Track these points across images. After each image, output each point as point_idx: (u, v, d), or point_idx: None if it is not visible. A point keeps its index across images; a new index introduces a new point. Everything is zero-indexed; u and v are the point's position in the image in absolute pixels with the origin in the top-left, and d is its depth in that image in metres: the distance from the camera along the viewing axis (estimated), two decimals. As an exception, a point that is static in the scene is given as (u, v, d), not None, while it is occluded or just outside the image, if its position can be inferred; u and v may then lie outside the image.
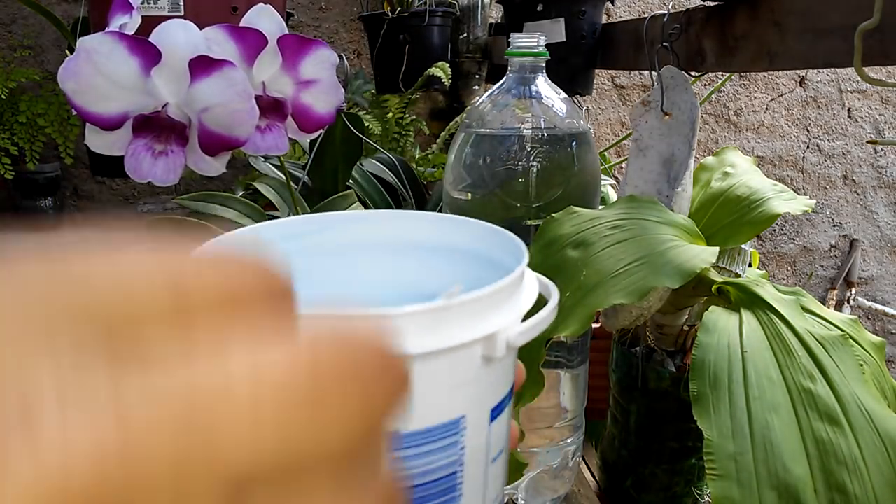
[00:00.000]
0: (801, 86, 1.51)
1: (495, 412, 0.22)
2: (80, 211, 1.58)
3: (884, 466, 0.41)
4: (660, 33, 0.71)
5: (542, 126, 0.63)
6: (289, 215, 0.71)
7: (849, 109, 1.53)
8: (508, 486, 0.64)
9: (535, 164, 0.62)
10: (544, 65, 0.64)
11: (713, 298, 0.56)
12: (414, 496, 0.20)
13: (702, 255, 0.52)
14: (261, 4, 0.54)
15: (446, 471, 0.21)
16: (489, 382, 0.21)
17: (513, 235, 0.25)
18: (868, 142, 1.49)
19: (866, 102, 1.53)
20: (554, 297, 0.24)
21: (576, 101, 0.83)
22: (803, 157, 1.54)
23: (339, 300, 0.25)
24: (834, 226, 1.58)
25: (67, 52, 1.25)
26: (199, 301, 0.11)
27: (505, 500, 0.65)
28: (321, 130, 0.57)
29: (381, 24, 0.97)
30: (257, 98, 0.50)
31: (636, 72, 1.35)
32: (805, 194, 1.55)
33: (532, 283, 0.24)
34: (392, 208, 0.79)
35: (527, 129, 0.63)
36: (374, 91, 1.06)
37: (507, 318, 0.21)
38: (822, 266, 1.60)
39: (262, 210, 0.72)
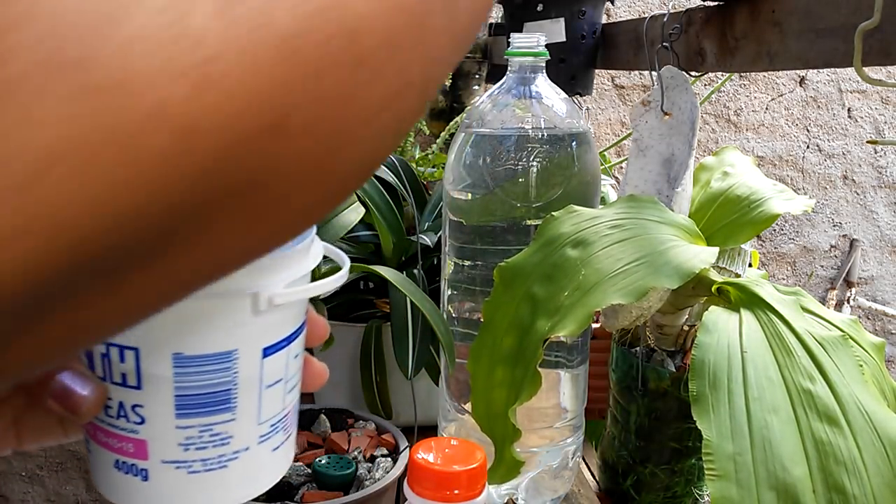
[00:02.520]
0: (801, 86, 1.51)
1: (268, 351, 0.29)
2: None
3: (883, 467, 0.41)
4: (660, 33, 0.71)
5: (542, 126, 0.63)
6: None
7: (849, 109, 1.53)
8: (508, 486, 0.65)
9: (535, 164, 0.62)
10: (544, 65, 0.64)
11: (713, 298, 0.56)
12: (197, 403, 0.28)
13: (701, 255, 0.52)
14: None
15: (222, 387, 0.28)
16: (260, 328, 0.28)
17: None
18: (868, 142, 1.49)
19: (866, 102, 1.53)
20: (343, 270, 0.31)
21: (576, 101, 0.83)
22: (803, 157, 1.54)
23: None
24: (834, 226, 1.58)
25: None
26: None
27: (505, 500, 0.65)
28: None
29: (381, 23, 0.97)
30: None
31: (636, 72, 1.35)
32: (805, 194, 1.55)
33: (317, 255, 0.30)
34: (392, 208, 0.79)
35: (527, 129, 0.63)
36: (374, 91, 1.06)
37: (270, 282, 0.27)
38: (822, 266, 1.60)
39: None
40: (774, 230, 1.57)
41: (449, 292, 0.68)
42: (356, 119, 0.16)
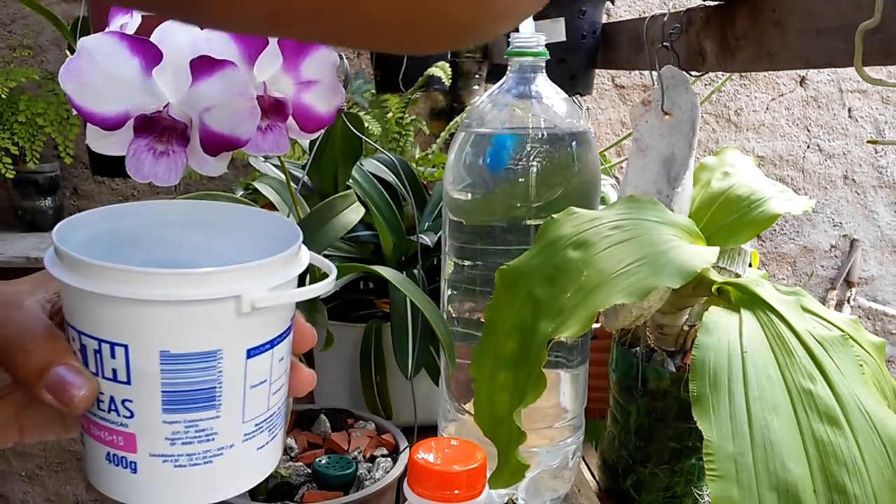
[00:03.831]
0: (801, 86, 1.51)
1: (252, 352, 0.30)
2: (80, 211, 1.57)
3: (883, 467, 0.41)
4: (660, 33, 0.71)
5: (542, 126, 0.63)
6: (289, 215, 0.71)
7: (849, 109, 1.53)
8: (508, 486, 0.65)
9: (535, 164, 0.62)
10: (544, 64, 0.64)
11: (713, 298, 0.56)
12: (183, 400, 0.29)
13: (702, 255, 0.52)
14: (261, 4, 0.54)
15: (207, 385, 0.29)
16: (244, 329, 0.29)
17: (293, 225, 0.34)
18: (868, 142, 1.49)
19: (866, 102, 1.53)
20: (329, 278, 0.33)
21: (576, 101, 0.83)
22: (803, 157, 1.54)
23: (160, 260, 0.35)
24: (834, 226, 1.58)
25: (67, 52, 1.25)
26: None
27: (505, 500, 0.65)
28: (321, 130, 0.57)
29: (381, 23, 0.97)
30: (258, 98, 0.50)
31: (636, 72, 1.35)
32: (805, 194, 1.55)
33: (303, 262, 0.32)
34: (392, 208, 0.79)
35: (527, 129, 0.63)
36: (374, 91, 1.06)
37: (252, 286, 0.29)
38: (822, 266, 1.60)
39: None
40: (774, 230, 1.57)
41: (449, 292, 0.68)
42: None
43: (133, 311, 0.28)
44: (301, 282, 0.35)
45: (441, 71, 0.93)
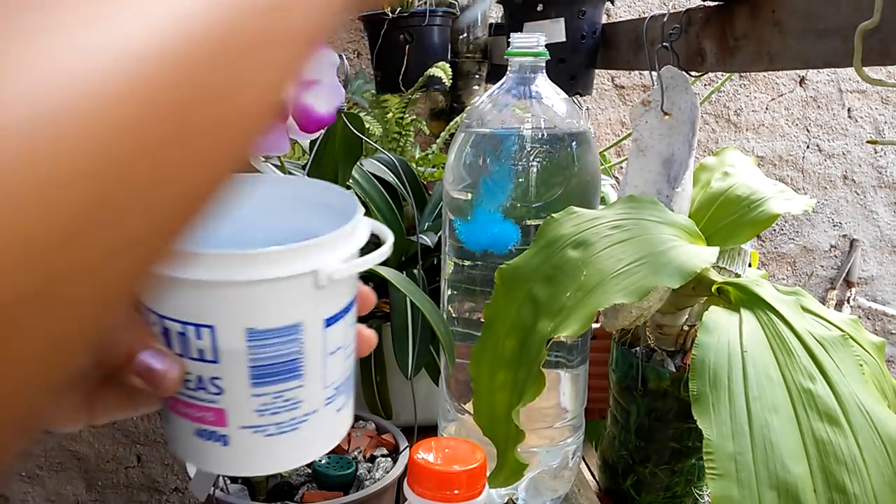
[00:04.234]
0: (801, 86, 1.51)
1: (330, 321, 0.31)
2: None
3: (884, 466, 0.41)
4: (660, 33, 0.71)
5: (542, 126, 0.63)
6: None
7: (849, 109, 1.53)
8: (508, 487, 0.65)
9: (535, 164, 0.62)
10: (544, 65, 0.64)
11: (713, 298, 0.56)
12: (269, 373, 0.30)
13: (702, 255, 0.52)
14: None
15: (290, 357, 0.30)
16: (321, 300, 0.30)
17: (349, 194, 0.36)
18: (868, 142, 1.49)
19: (866, 102, 1.53)
20: (387, 243, 0.34)
21: (576, 101, 0.83)
22: (803, 157, 1.54)
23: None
24: (834, 226, 1.58)
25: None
26: None
27: (505, 500, 0.65)
28: (322, 131, 0.57)
29: (381, 23, 0.97)
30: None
31: (636, 72, 1.35)
32: (805, 194, 1.54)
33: (364, 231, 0.34)
34: (392, 208, 0.79)
35: (527, 129, 0.63)
36: (374, 91, 1.06)
37: (329, 259, 0.30)
38: (822, 266, 1.60)
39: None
40: (774, 230, 1.57)
41: (449, 292, 0.68)
42: None
43: (218, 294, 0.29)
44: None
45: (441, 71, 0.93)
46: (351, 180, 0.77)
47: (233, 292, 0.29)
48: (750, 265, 0.65)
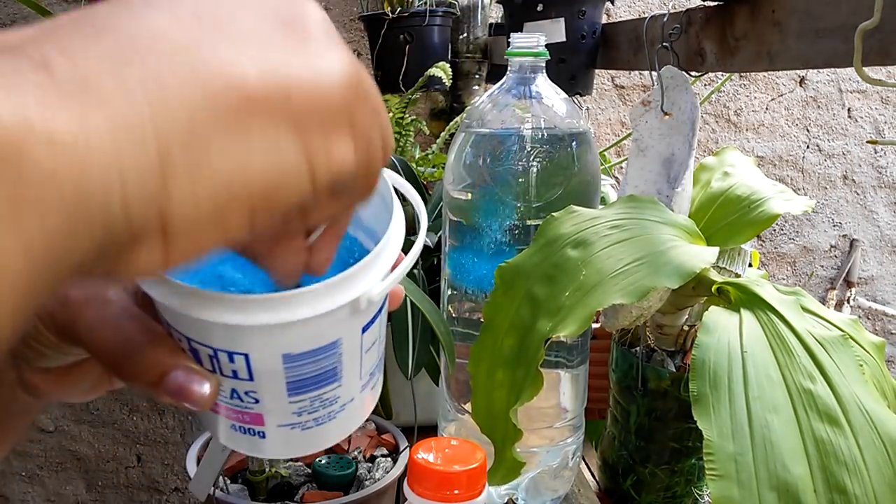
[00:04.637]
0: (801, 86, 1.51)
1: (365, 328, 0.30)
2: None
3: (884, 466, 0.41)
4: (660, 33, 0.71)
5: (542, 126, 0.63)
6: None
7: (849, 109, 1.53)
8: (508, 486, 0.65)
9: (535, 164, 0.62)
10: (544, 65, 0.64)
11: (713, 298, 0.56)
12: (307, 383, 0.29)
13: (702, 255, 0.52)
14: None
15: (330, 367, 0.30)
16: (359, 317, 0.30)
17: (385, 180, 0.34)
18: (868, 142, 1.49)
19: (866, 102, 1.53)
20: (419, 239, 0.33)
21: (576, 101, 0.83)
22: (803, 157, 1.54)
23: None
24: (834, 226, 1.58)
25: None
26: None
27: (505, 500, 0.65)
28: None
29: (381, 24, 0.97)
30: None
31: (636, 72, 1.35)
32: (805, 194, 1.54)
33: (399, 233, 0.32)
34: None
35: (527, 129, 0.63)
36: (374, 91, 1.06)
37: (368, 283, 0.28)
38: (822, 266, 1.60)
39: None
40: (774, 230, 1.57)
41: (449, 292, 0.68)
42: None
43: (249, 331, 0.27)
44: None
45: (441, 71, 0.93)
46: (351, 180, 0.76)
47: (268, 330, 0.27)
48: (750, 265, 0.65)
